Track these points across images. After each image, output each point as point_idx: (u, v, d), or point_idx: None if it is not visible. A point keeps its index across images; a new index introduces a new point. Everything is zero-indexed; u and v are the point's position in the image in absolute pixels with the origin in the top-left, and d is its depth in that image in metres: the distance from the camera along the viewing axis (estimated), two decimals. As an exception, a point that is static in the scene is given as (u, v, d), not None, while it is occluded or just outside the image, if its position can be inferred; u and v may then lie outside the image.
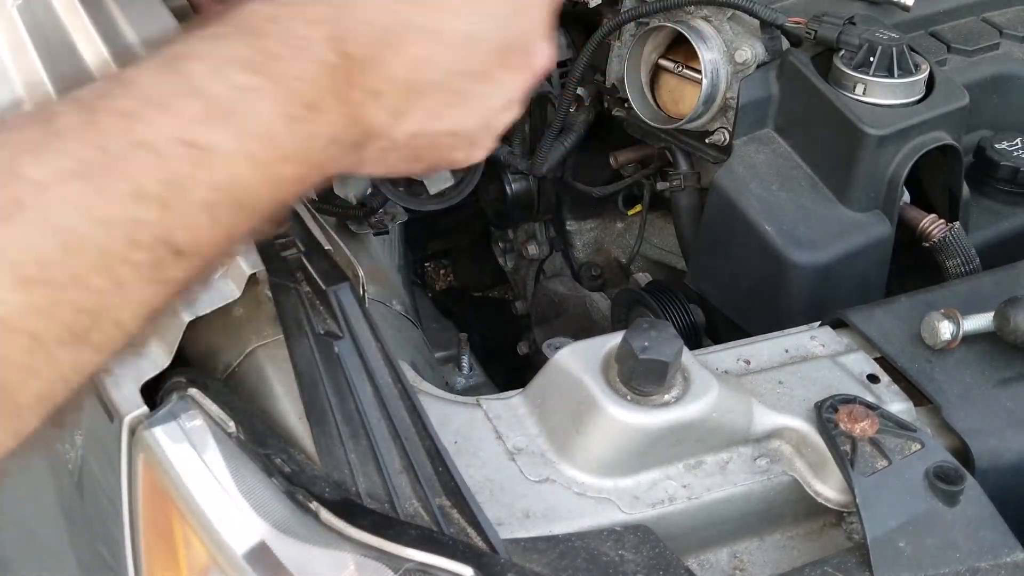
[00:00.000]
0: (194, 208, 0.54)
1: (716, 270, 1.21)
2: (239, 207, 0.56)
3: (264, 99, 0.56)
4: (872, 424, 0.78)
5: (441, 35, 0.63)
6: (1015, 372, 0.91)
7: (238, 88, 0.55)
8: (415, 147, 0.67)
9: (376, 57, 0.61)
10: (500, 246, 1.62)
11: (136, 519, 0.83)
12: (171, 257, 0.54)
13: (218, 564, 0.74)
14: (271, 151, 0.56)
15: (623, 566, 0.72)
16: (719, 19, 1.18)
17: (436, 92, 0.65)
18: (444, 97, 0.66)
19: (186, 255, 0.54)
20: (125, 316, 0.53)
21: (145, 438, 0.79)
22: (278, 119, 0.56)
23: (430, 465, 0.74)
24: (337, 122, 0.60)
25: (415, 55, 0.62)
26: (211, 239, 0.56)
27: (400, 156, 0.67)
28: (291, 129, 0.57)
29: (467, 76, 0.66)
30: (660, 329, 0.76)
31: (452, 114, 0.67)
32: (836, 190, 1.13)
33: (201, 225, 0.55)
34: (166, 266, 0.54)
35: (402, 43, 0.62)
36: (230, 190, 0.55)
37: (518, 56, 0.68)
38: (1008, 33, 1.34)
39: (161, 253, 0.53)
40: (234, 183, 0.55)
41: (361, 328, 0.79)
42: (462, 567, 0.68)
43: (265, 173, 0.56)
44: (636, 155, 1.37)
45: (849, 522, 0.80)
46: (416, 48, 0.62)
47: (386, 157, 0.66)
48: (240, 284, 0.85)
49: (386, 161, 0.67)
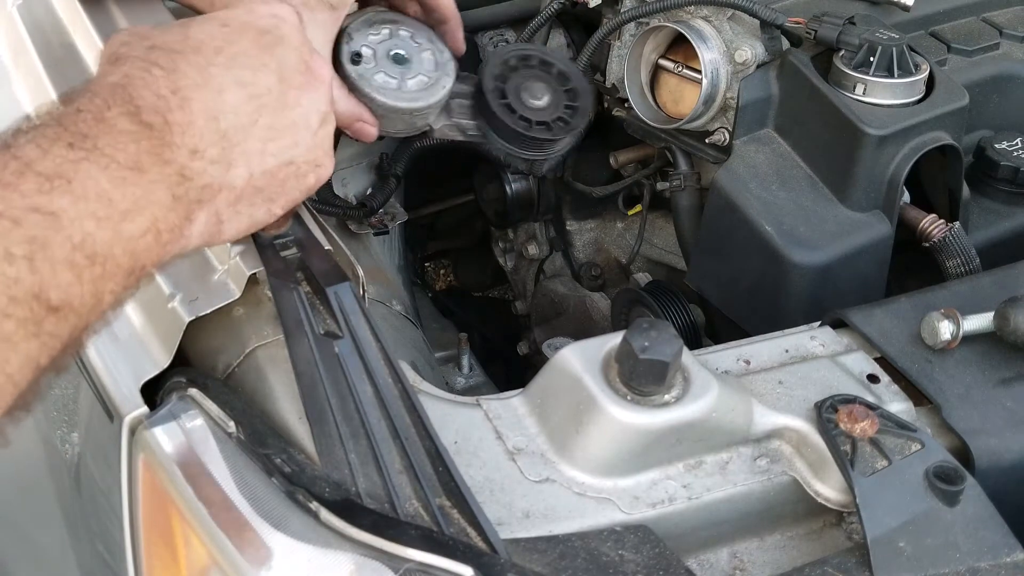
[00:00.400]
0: (57, 265, 0.61)
1: (716, 270, 1.21)
2: (97, 263, 0.63)
3: (91, 167, 0.64)
4: (872, 424, 0.78)
5: (221, 87, 0.73)
6: (1015, 372, 0.91)
7: (66, 161, 0.63)
8: (261, 188, 0.76)
9: (176, 122, 0.70)
10: (500, 246, 1.62)
11: (136, 519, 0.83)
12: (46, 313, 0.61)
13: (218, 564, 0.74)
14: (109, 208, 0.64)
15: (623, 566, 0.72)
16: (719, 19, 1.18)
17: (248, 134, 0.74)
18: (258, 135, 0.75)
19: (61, 311, 0.61)
20: (14, 368, 0.59)
21: (145, 438, 0.80)
22: (107, 181, 0.64)
23: (430, 465, 0.74)
24: (166, 179, 0.68)
25: (211, 111, 0.72)
26: (80, 296, 0.62)
27: (252, 204, 0.76)
28: (123, 189, 0.65)
29: (267, 111, 0.75)
30: (660, 329, 0.76)
31: (276, 147, 0.76)
32: (836, 190, 1.13)
33: (68, 281, 0.62)
34: (43, 322, 0.60)
35: (191, 103, 0.71)
36: (84, 247, 0.62)
37: (299, 75, 0.78)
38: (1008, 33, 1.34)
39: (37, 309, 0.60)
40: (86, 241, 0.63)
41: (361, 328, 0.79)
42: (462, 567, 0.68)
43: (112, 229, 0.64)
44: (636, 155, 1.37)
45: (849, 522, 0.80)
46: (207, 103, 0.72)
47: (241, 210, 0.75)
48: (240, 284, 0.86)
49: (244, 214, 0.75)
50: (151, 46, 0.73)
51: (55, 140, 0.64)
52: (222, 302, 0.85)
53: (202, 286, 0.86)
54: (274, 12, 0.79)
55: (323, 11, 0.89)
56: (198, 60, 0.73)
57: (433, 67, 1.01)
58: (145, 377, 0.83)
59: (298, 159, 0.78)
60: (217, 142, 0.72)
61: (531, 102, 1.07)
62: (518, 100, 1.06)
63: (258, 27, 0.77)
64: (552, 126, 1.07)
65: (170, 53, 0.73)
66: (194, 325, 0.84)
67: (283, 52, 0.77)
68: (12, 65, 1.11)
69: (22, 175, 0.62)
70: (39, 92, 1.04)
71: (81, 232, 0.62)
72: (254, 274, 0.86)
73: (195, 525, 0.75)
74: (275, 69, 0.76)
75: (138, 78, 0.70)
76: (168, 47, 0.73)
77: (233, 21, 0.77)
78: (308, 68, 0.79)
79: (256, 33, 0.77)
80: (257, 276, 0.86)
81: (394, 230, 1.20)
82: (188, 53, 0.73)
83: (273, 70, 0.76)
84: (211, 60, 0.73)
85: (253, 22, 0.77)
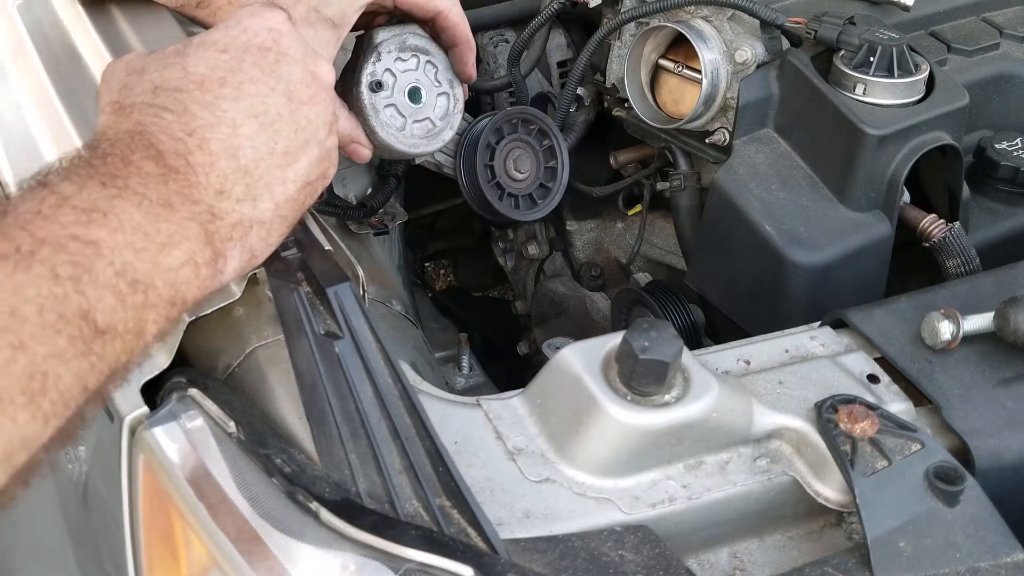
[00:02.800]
0: (101, 289, 0.63)
1: (716, 270, 1.21)
2: (139, 291, 0.65)
3: (124, 203, 0.66)
4: (872, 424, 0.78)
5: (235, 121, 0.74)
6: (1015, 372, 0.91)
7: (101, 197, 0.66)
8: (285, 216, 0.77)
9: (198, 164, 0.71)
10: (500, 246, 1.62)
11: (136, 519, 0.83)
12: (93, 334, 0.62)
13: (218, 564, 0.74)
14: (146, 240, 0.66)
15: (623, 566, 0.72)
16: (719, 19, 1.18)
17: (268, 164, 0.75)
18: (276, 163, 0.76)
19: (107, 335, 0.63)
20: (65, 386, 0.61)
21: (145, 438, 0.80)
22: (142, 217, 0.67)
23: (430, 465, 0.74)
24: (197, 216, 0.70)
25: (230, 149, 0.73)
26: (124, 321, 0.64)
27: (279, 229, 0.77)
28: (157, 224, 0.67)
29: (283, 135, 0.76)
30: (660, 329, 0.76)
31: (294, 172, 0.77)
32: (836, 190, 1.13)
33: (112, 306, 0.64)
34: (92, 342, 0.62)
35: (209, 144, 0.72)
36: (125, 274, 0.65)
37: (306, 88, 0.78)
38: (1008, 33, 1.34)
39: (85, 329, 0.62)
40: (126, 268, 0.65)
41: (361, 328, 0.79)
42: (462, 567, 0.68)
43: (151, 260, 0.66)
44: (636, 155, 1.37)
45: (849, 522, 0.80)
46: (225, 142, 0.73)
47: (270, 240, 0.77)
48: (240, 284, 0.86)
49: (269, 244, 0.77)
50: (154, 88, 0.74)
51: (88, 179, 0.66)
52: (222, 302, 0.85)
53: (202, 286, 0.86)
54: (269, 26, 0.78)
55: (325, 29, 0.89)
56: (205, 97, 0.73)
57: (442, 115, 1.00)
58: (145, 377, 0.83)
59: (312, 176, 0.79)
60: (240, 179, 0.73)
61: (513, 172, 1.05)
62: (503, 166, 1.05)
63: (258, 46, 0.76)
64: (520, 203, 1.07)
65: (175, 93, 0.73)
66: (194, 325, 0.84)
67: (288, 69, 0.77)
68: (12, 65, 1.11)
69: (59, 208, 0.64)
70: (39, 92, 1.04)
71: (121, 260, 0.64)
72: (254, 274, 0.86)
73: (195, 525, 0.75)
74: (283, 90, 0.76)
75: (151, 124, 0.72)
76: (171, 86, 0.73)
77: (231, 46, 0.76)
78: (314, 78, 0.78)
79: (257, 54, 0.76)
80: (257, 276, 0.86)
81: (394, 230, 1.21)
82: (193, 90, 0.73)
83: (281, 92, 0.76)
84: (218, 94, 0.73)
85: (251, 41, 0.76)
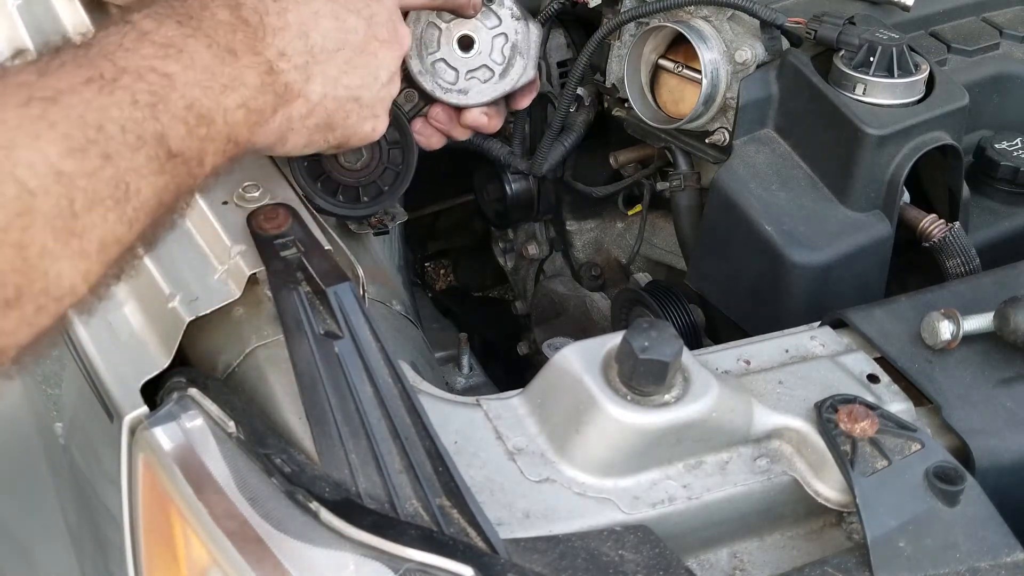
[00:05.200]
0: (175, 118, 0.70)
1: (716, 270, 1.21)
2: (203, 124, 0.73)
3: (196, 43, 0.74)
4: (872, 424, 0.78)
5: (319, 11, 0.83)
6: (1015, 372, 0.91)
7: (177, 35, 0.73)
8: (327, 111, 0.85)
9: (270, 25, 0.80)
10: (500, 246, 1.62)
11: (136, 519, 0.83)
12: (167, 156, 0.70)
13: (218, 564, 0.74)
14: (212, 80, 0.74)
15: (623, 566, 0.72)
16: (719, 19, 1.18)
17: (330, 59, 0.84)
18: (337, 64, 0.84)
19: (177, 158, 0.71)
20: (146, 196, 0.69)
21: (145, 438, 0.80)
22: (209, 57, 0.74)
23: (430, 465, 0.74)
24: (256, 67, 0.78)
25: (304, 27, 0.82)
26: (191, 149, 0.72)
27: (316, 123, 0.85)
28: (221, 66, 0.75)
29: (350, 47, 0.85)
30: (660, 329, 0.76)
31: (349, 80, 0.86)
32: (836, 190, 1.13)
33: (181, 134, 0.71)
34: (165, 163, 0.70)
35: (288, 14, 0.81)
36: (193, 107, 0.72)
37: (384, 31, 0.88)
38: (1008, 33, 1.34)
39: (160, 151, 0.69)
40: (194, 103, 0.72)
41: (361, 328, 0.79)
42: (462, 567, 0.68)
43: (214, 99, 0.74)
44: (636, 155, 1.37)
45: (849, 522, 0.80)
46: (303, 19, 0.82)
47: (307, 125, 0.84)
48: (240, 284, 0.86)
49: (306, 131, 0.85)
50: None
51: (166, 17, 0.74)
52: (222, 302, 0.85)
53: (202, 286, 0.86)
54: None
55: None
56: None
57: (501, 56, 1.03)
58: (145, 377, 0.83)
59: (363, 100, 0.87)
60: (303, 52, 0.82)
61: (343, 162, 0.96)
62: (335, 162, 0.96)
63: None
64: (363, 192, 0.98)
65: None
66: (194, 325, 0.84)
67: (378, 8, 0.88)
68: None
69: (140, 41, 0.71)
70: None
71: (192, 95, 0.72)
72: (254, 274, 0.86)
73: (195, 525, 0.75)
74: (367, 17, 0.86)
75: None
76: None
77: None
78: (395, 29, 0.89)
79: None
80: (257, 276, 0.86)
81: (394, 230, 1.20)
82: None
83: (365, 18, 0.86)
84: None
85: None
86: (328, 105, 0.85)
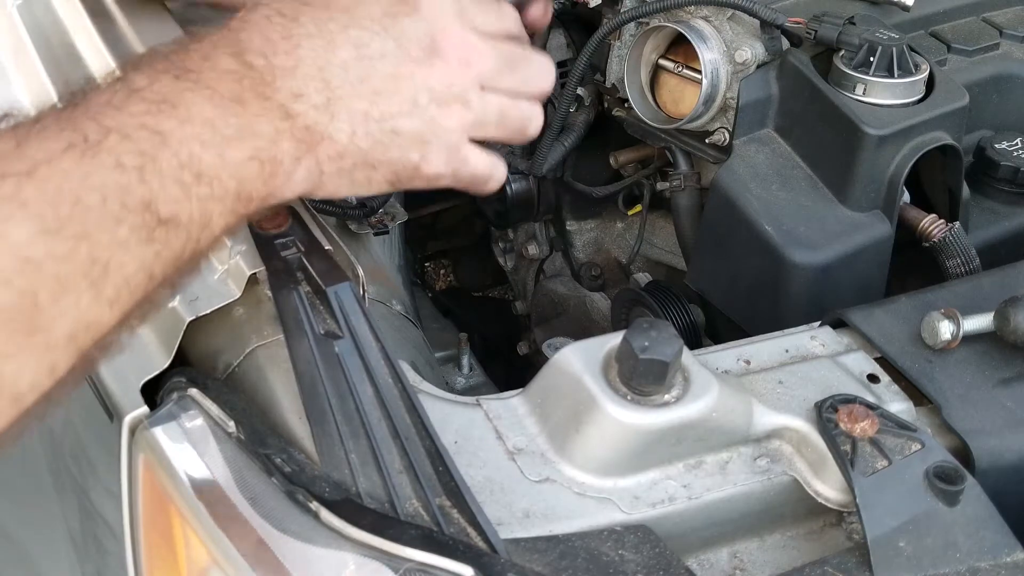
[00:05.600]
0: (165, 179, 0.65)
1: (716, 270, 1.21)
2: (204, 183, 0.67)
3: (195, 96, 0.67)
4: (872, 424, 0.78)
5: (335, 42, 0.74)
6: (1015, 372, 0.91)
7: (172, 90, 0.67)
8: (364, 152, 0.76)
9: (280, 66, 0.72)
10: (500, 246, 1.62)
11: (136, 519, 0.83)
12: (156, 223, 0.64)
13: (218, 564, 0.74)
14: (213, 133, 0.67)
15: (623, 566, 0.72)
16: (719, 19, 1.18)
17: (355, 91, 0.75)
18: (365, 96, 0.75)
19: (170, 224, 0.65)
20: (131, 271, 0.63)
21: (145, 438, 0.80)
22: (210, 109, 0.68)
23: (430, 465, 0.74)
24: (268, 113, 0.71)
25: (319, 61, 0.73)
26: (188, 212, 0.66)
27: (353, 163, 0.76)
28: (225, 118, 0.68)
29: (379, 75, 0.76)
30: (660, 329, 0.76)
31: (380, 112, 0.76)
32: (836, 190, 1.13)
33: (175, 196, 0.65)
34: (154, 230, 0.64)
35: (299, 51, 0.73)
36: (191, 166, 0.66)
37: (418, 49, 0.77)
38: (1008, 33, 1.34)
39: (148, 218, 0.64)
40: (192, 160, 0.66)
41: (361, 328, 0.79)
42: (462, 567, 0.68)
43: (217, 154, 0.67)
44: (636, 155, 1.37)
45: (849, 522, 0.80)
46: (317, 53, 0.73)
47: (343, 167, 0.76)
48: (240, 284, 0.86)
49: (345, 173, 0.76)
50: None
51: (162, 72, 0.68)
52: (222, 302, 0.85)
53: (202, 286, 0.86)
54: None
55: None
56: (320, 15, 0.75)
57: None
58: (145, 377, 0.83)
59: (402, 130, 0.77)
60: (321, 90, 0.73)
61: None
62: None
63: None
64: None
65: (299, 4, 0.75)
66: (194, 325, 0.84)
67: (410, 23, 0.77)
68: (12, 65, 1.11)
69: (129, 98, 0.66)
70: (39, 92, 1.04)
71: (187, 152, 0.66)
72: (254, 274, 0.86)
73: (195, 525, 0.75)
74: (395, 36, 0.77)
75: (255, 23, 0.73)
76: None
77: None
78: (433, 44, 0.78)
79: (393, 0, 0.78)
80: (257, 276, 0.86)
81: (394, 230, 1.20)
82: (317, 6, 0.76)
83: (393, 37, 0.76)
84: (333, 16, 0.75)
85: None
86: (361, 143, 0.75)
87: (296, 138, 0.72)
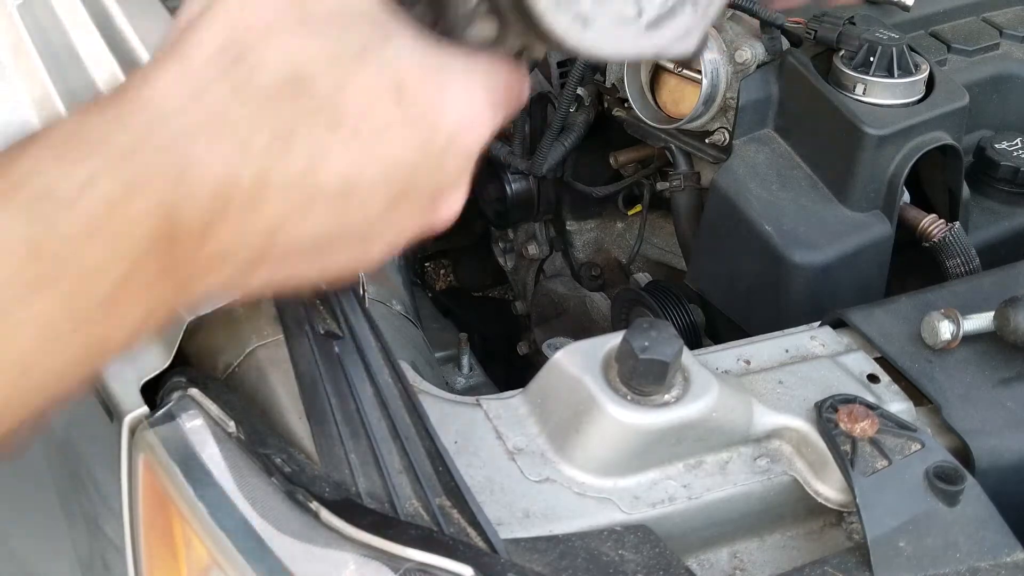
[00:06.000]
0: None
1: (716, 270, 1.21)
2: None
3: (41, 300, 0.44)
4: (872, 424, 0.78)
5: (315, 193, 0.50)
6: (1015, 372, 0.91)
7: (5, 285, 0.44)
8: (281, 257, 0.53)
9: (214, 223, 0.48)
10: (500, 246, 1.62)
11: (136, 519, 0.83)
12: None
13: (218, 564, 0.74)
14: (26, 380, 0.45)
15: (623, 566, 0.72)
16: (719, 19, 1.18)
17: (295, 254, 0.53)
18: (303, 255, 0.53)
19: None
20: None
21: (145, 438, 0.79)
22: (56, 331, 0.45)
23: (430, 465, 0.74)
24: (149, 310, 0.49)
25: (271, 217, 0.50)
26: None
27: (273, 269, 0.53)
28: (70, 339, 0.46)
29: (340, 235, 0.54)
30: (660, 329, 0.76)
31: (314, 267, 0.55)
32: (836, 190, 1.13)
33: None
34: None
35: (253, 204, 0.49)
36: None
37: (411, 205, 0.56)
38: (1008, 33, 1.34)
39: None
40: None
41: (361, 328, 0.79)
42: (462, 567, 0.68)
43: (17, 398, 0.46)
44: (636, 155, 1.37)
45: (849, 522, 0.80)
46: (273, 208, 0.50)
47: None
48: (240, 284, 0.85)
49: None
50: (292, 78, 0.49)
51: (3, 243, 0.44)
52: (222, 302, 0.85)
53: (202, 286, 0.86)
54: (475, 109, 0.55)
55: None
56: (325, 136, 0.50)
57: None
58: (145, 377, 0.82)
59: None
60: (253, 258, 0.52)
61: None
62: None
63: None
64: None
65: (297, 114, 0.49)
66: (194, 325, 0.84)
67: (435, 158, 0.55)
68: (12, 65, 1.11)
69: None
70: (39, 92, 1.04)
71: None
72: (254, 274, 0.85)
73: (195, 525, 0.75)
74: (395, 181, 0.54)
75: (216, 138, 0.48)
76: (311, 93, 0.49)
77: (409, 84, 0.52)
78: (431, 202, 0.59)
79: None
80: (257, 276, 0.86)
81: (394, 230, 1.20)
82: (323, 124, 0.50)
83: (391, 183, 0.54)
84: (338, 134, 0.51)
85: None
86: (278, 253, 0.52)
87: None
